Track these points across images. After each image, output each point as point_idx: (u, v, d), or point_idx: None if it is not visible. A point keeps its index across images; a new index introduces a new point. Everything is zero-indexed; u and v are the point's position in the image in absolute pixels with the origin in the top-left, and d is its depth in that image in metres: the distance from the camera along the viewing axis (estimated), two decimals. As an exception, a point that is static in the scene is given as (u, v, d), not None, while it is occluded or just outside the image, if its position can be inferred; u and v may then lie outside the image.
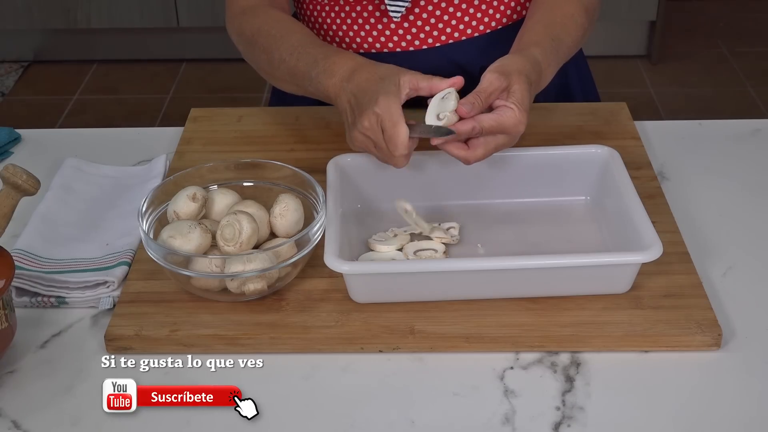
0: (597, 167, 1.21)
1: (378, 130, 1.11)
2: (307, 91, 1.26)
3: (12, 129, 1.42)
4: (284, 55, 1.25)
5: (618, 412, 0.98)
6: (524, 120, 1.12)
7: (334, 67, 1.19)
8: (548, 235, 1.18)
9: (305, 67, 1.22)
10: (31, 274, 1.11)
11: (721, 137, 1.41)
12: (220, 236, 1.07)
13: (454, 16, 1.37)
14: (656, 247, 1.04)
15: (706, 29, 3.73)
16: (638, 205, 1.11)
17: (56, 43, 3.53)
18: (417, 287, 1.06)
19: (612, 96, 1.68)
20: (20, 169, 0.99)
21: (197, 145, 1.37)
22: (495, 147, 1.13)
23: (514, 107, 1.12)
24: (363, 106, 1.12)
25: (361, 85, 1.14)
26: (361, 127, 1.12)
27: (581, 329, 1.04)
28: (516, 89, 1.13)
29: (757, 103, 3.24)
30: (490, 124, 1.11)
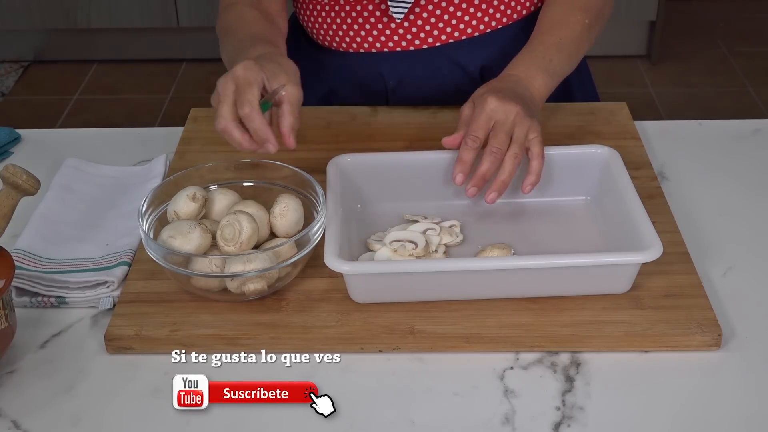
0: (597, 167, 1.21)
1: (232, 81, 1.10)
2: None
3: (12, 129, 1.42)
4: (229, 47, 1.28)
5: (618, 412, 0.98)
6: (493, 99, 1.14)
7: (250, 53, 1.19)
8: (548, 234, 1.18)
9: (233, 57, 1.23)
10: (31, 274, 1.11)
11: (721, 137, 1.41)
12: (220, 236, 1.07)
13: (455, 16, 1.37)
14: (656, 247, 1.04)
15: (706, 29, 3.73)
16: (638, 205, 1.11)
17: (56, 43, 3.53)
18: (417, 287, 1.06)
19: (612, 96, 1.68)
20: (20, 169, 0.99)
21: (197, 145, 1.37)
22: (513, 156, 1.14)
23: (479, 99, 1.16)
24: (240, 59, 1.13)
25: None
26: (229, 74, 1.11)
27: (581, 329, 1.04)
28: (477, 95, 1.18)
29: (757, 103, 3.24)
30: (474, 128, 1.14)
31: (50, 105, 3.30)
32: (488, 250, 1.12)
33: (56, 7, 3.36)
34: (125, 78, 3.45)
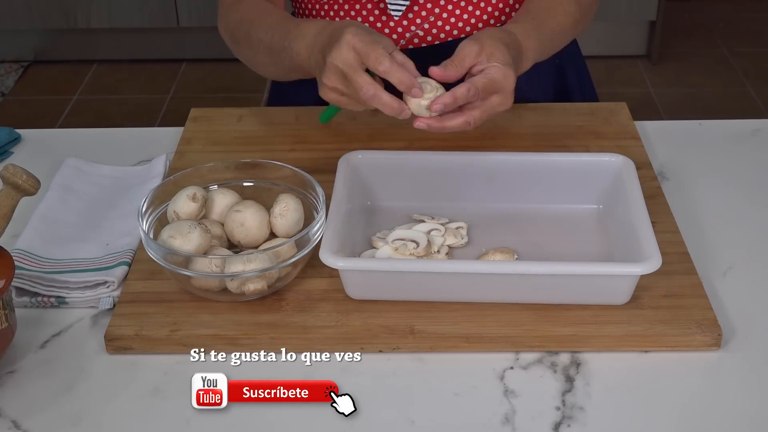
0: (610, 175, 1.20)
1: (353, 57, 1.09)
2: (284, 66, 1.25)
3: (12, 129, 1.42)
4: (261, 35, 1.27)
5: (618, 412, 0.98)
6: (512, 74, 1.12)
7: (305, 30, 1.19)
8: (557, 242, 1.17)
9: (279, 40, 1.23)
10: (31, 274, 1.11)
11: (721, 137, 1.41)
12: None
13: (453, 14, 1.37)
14: (653, 261, 1.03)
15: (706, 29, 3.73)
16: (643, 215, 1.10)
17: (56, 43, 3.52)
18: (412, 287, 1.06)
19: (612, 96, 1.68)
20: (20, 169, 0.99)
21: (197, 145, 1.37)
22: (491, 107, 1.12)
23: (498, 63, 1.12)
24: (333, 40, 1.11)
25: (332, 32, 1.13)
26: (333, 58, 1.10)
27: (581, 329, 1.04)
28: (493, 50, 1.13)
29: (757, 103, 3.24)
30: (483, 82, 1.10)
31: (50, 105, 3.30)
32: (490, 254, 1.12)
33: (56, 7, 3.36)
34: (125, 78, 3.45)
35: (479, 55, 1.12)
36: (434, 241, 1.14)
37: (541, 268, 1.04)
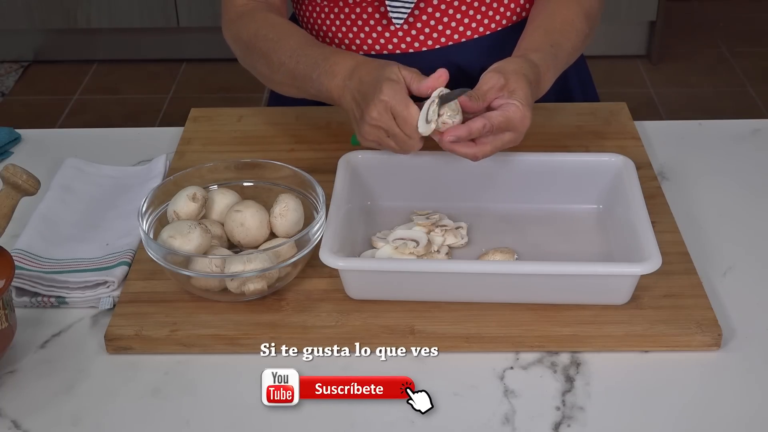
0: (610, 175, 1.20)
1: (388, 117, 1.11)
2: (308, 93, 1.26)
3: (12, 129, 1.42)
4: (283, 59, 1.26)
5: (618, 412, 0.98)
6: (529, 115, 1.13)
7: (335, 68, 1.19)
8: (557, 242, 1.17)
9: (305, 70, 1.22)
10: (31, 274, 1.11)
11: (721, 137, 1.41)
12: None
13: (454, 18, 1.37)
14: (653, 260, 1.03)
15: (706, 29, 3.73)
16: (643, 215, 1.10)
17: (56, 43, 3.52)
18: (411, 286, 1.06)
19: (612, 96, 1.68)
20: (20, 169, 0.99)
21: (197, 145, 1.37)
22: (502, 144, 1.13)
23: (518, 103, 1.12)
24: (368, 97, 1.13)
25: (364, 80, 1.15)
26: (370, 118, 1.12)
27: (581, 329, 1.04)
28: (516, 87, 1.14)
29: (757, 103, 3.24)
30: (499, 120, 1.12)
31: (50, 105, 3.30)
32: (490, 254, 1.12)
33: (56, 7, 3.36)
34: (125, 78, 3.45)
35: (502, 89, 1.14)
36: (434, 240, 1.14)
37: (541, 268, 1.04)
